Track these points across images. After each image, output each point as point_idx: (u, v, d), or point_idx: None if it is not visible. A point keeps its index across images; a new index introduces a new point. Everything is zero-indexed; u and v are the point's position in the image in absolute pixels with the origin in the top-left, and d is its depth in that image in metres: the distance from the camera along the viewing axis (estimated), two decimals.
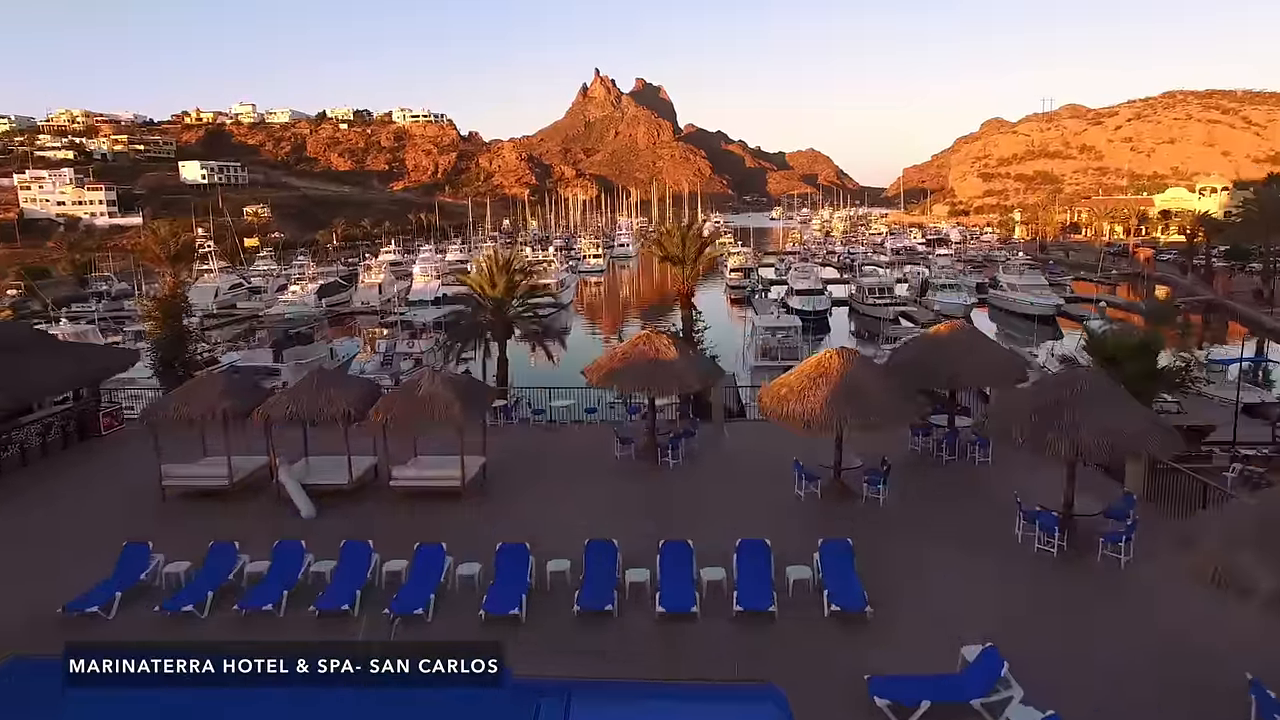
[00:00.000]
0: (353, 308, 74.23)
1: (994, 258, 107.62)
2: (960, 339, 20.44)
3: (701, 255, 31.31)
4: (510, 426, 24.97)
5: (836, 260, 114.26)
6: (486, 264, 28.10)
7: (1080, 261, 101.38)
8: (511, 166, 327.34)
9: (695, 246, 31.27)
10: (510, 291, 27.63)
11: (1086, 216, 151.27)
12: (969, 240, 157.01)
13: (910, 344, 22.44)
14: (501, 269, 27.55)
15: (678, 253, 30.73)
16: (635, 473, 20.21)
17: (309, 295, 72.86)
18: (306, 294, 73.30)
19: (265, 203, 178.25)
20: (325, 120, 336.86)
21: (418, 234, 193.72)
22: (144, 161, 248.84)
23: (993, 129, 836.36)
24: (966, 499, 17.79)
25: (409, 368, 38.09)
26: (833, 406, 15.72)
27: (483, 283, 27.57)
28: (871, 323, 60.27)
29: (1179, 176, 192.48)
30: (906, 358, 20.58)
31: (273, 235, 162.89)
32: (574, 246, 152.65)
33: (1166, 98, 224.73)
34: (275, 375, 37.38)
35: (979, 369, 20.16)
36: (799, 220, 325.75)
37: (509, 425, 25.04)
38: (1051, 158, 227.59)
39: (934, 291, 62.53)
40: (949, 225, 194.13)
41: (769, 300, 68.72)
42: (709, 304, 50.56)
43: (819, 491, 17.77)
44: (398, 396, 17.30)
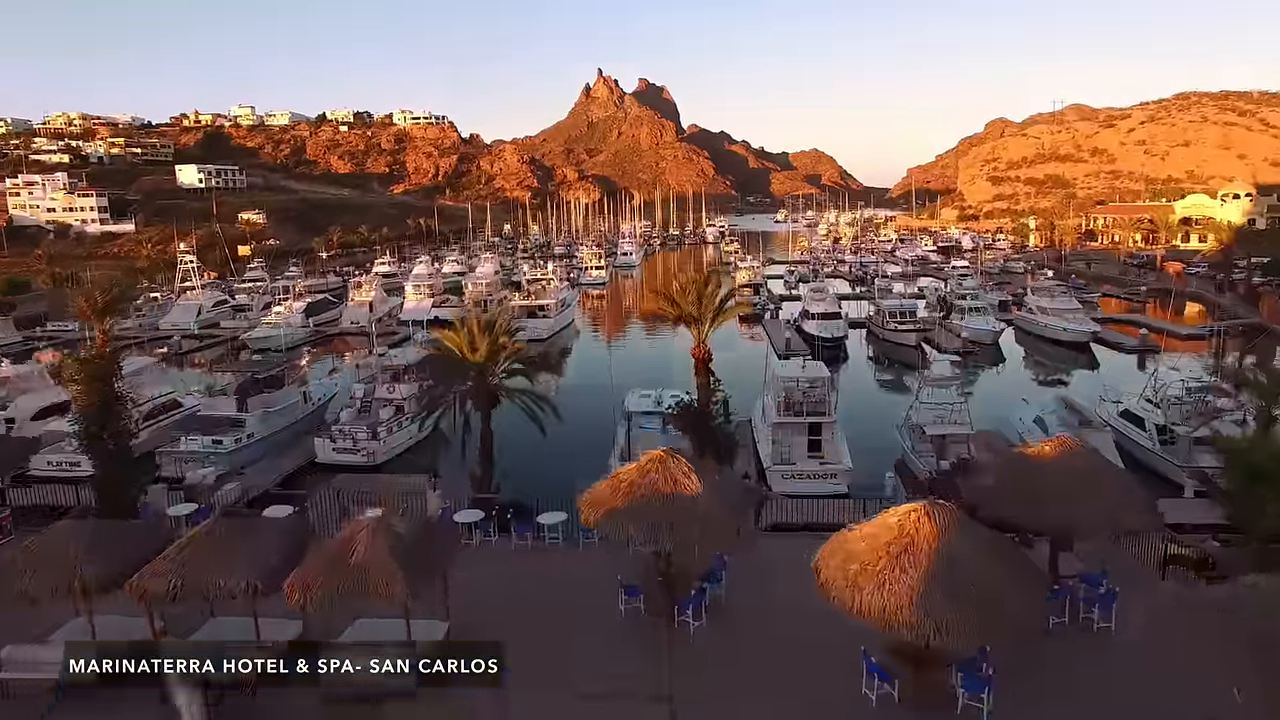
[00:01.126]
0: (341, 328, 70.42)
1: (1011, 269, 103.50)
2: (1073, 467, 15.77)
3: (721, 315, 27.35)
4: (489, 545, 20.93)
5: (848, 271, 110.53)
6: (467, 324, 24.03)
7: (1102, 274, 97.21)
8: (513, 169, 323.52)
9: (713, 304, 27.21)
10: (494, 356, 23.68)
11: (1103, 224, 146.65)
12: (982, 248, 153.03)
13: (1000, 469, 17.88)
14: (484, 330, 23.57)
15: (693, 311, 26.74)
16: (643, 642, 16.00)
17: (296, 315, 69.07)
18: (293, 313, 69.53)
19: (261, 209, 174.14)
20: (325, 122, 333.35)
21: (416, 240, 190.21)
22: (141, 165, 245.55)
23: (998, 129, 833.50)
24: (1097, 701, 13.29)
25: (389, 416, 34.19)
26: (927, 601, 11.57)
27: (461, 345, 23.58)
28: (894, 349, 56.25)
29: (1195, 180, 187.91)
30: (996, 494, 16.21)
31: (268, 242, 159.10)
32: (575, 255, 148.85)
33: (1180, 99, 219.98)
34: (239, 427, 33.57)
35: (1104, 512, 15.36)
36: (804, 223, 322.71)
37: (488, 543, 21.01)
38: (1062, 161, 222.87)
39: (959, 314, 58.44)
40: (959, 230, 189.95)
41: (781, 323, 64.72)
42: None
43: (895, 693, 13.52)
44: (323, 565, 13.06)
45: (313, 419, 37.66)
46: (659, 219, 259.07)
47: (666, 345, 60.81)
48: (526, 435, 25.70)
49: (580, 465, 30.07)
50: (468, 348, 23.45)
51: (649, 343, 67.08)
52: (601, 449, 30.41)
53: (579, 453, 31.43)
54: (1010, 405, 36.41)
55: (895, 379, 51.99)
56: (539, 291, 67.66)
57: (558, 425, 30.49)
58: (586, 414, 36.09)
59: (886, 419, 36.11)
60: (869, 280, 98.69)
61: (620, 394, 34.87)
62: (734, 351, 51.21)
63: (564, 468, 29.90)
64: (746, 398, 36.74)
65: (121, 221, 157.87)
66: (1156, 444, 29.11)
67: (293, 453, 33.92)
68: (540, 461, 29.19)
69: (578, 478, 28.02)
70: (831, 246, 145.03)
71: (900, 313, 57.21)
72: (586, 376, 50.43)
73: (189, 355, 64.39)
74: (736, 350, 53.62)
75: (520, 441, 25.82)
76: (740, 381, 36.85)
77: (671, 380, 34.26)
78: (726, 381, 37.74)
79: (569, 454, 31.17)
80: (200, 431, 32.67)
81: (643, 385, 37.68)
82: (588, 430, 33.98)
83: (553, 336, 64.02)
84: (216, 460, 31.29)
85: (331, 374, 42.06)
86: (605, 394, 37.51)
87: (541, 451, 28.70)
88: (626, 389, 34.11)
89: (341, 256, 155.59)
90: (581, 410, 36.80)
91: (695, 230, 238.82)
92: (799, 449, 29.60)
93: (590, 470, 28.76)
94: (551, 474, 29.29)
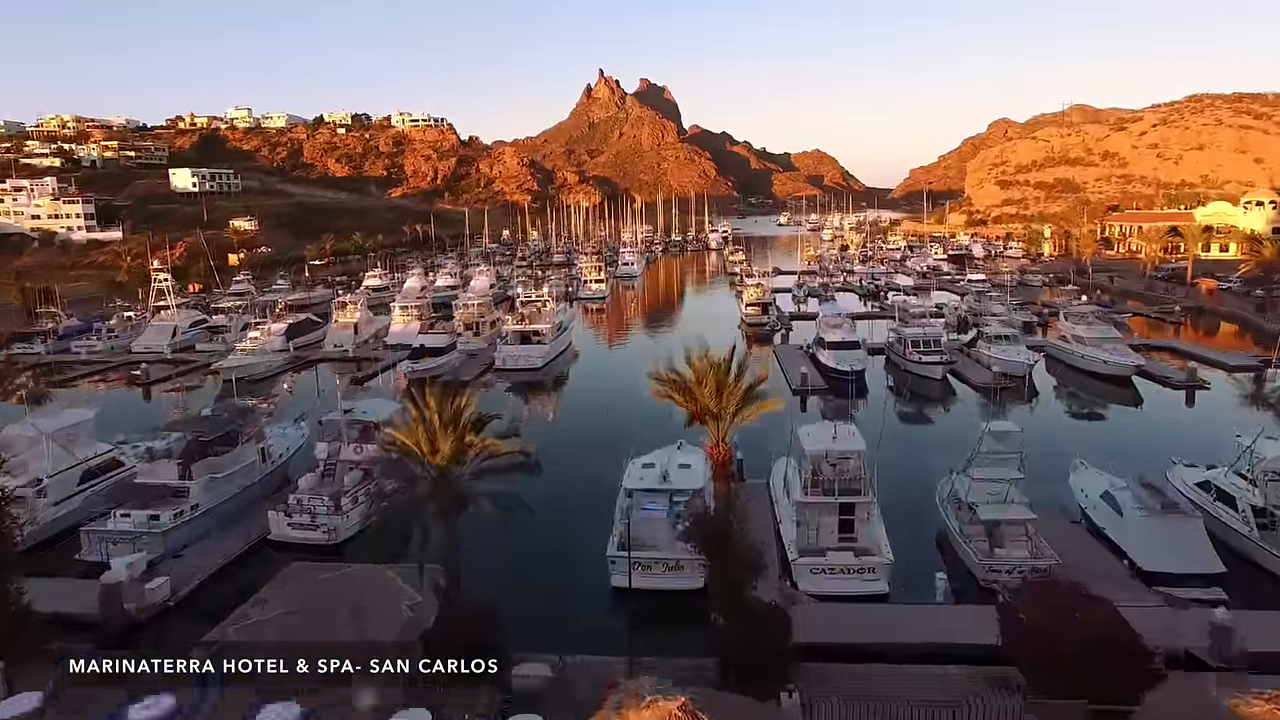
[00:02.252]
0: (323, 352, 66.04)
1: (1029, 282, 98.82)
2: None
3: (744, 410, 22.78)
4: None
5: (859, 284, 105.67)
6: (427, 415, 19.45)
7: (1128, 289, 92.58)
8: (513, 172, 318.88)
9: (736, 397, 22.69)
10: (460, 456, 19.17)
11: (1119, 232, 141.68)
12: (994, 256, 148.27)
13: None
14: (447, 425, 18.98)
15: (711, 405, 22.13)
16: None
17: (274, 339, 64.90)
18: (271, 337, 65.36)
19: (254, 214, 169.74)
20: (323, 125, 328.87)
21: (414, 246, 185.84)
22: (134, 169, 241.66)
23: (1001, 129, 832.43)
24: None
25: (354, 484, 29.78)
26: None
27: (419, 443, 18.99)
28: (918, 382, 51.77)
29: (1210, 185, 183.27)
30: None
31: (259, 250, 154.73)
32: (575, 264, 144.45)
33: (1193, 101, 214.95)
34: (181, 498, 29.16)
35: None
36: (808, 227, 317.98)
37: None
38: (1072, 165, 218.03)
39: (987, 343, 53.87)
40: (967, 237, 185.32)
41: (794, 351, 60.24)
42: (720, 336, 41.88)
43: None
44: None
45: (273, 479, 33.29)
46: (661, 223, 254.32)
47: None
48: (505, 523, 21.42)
49: (573, 559, 25.86)
50: (427, 448, 18.99)
51: (653, 364, 62.81)
52: (599, 528, 26.11)
53: (571, 536, 27.09)
54: (1059, 460, 31.71)
55: (920, 413, 47.60)
56: (534, 315, 63.06)
57: (548, 497, 26.22)
58: (583, 474, 31.82)
59: (917, 474, 31.74)
60: (880, 294, 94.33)
61: (622, 438, 31.02)
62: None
63: (552, 568, 25.66)
64: (758, 454, 32.49)
65: (109, 229, 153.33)
66: (1254, 529, 24.68)
67: (245, 526, 29.54)
68: (519, 564, 24.93)
69: (568, 593, 23.92)
70: (840, 255, 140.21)
71: (924, 342, 52.69)
72: (584, 422, 46.25)
73: (159, 383, 60.10)
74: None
75: (497, 531, 21.50)
76: (754, 454, 32.65)
77: (678, 422, 29.83)
78: (742, 453, 33.04)
79: (559, 540, 26.84)
80: (135, 504, 28.26)
81: (648, 423, 33.85)
82: (584, 501, 29.69)
83: (548, 364, 59.42)
84: (149, 542, 26.91)
85: (298, 422, 37.59)
86: (605, 445, 33.28)
87: (522, 542, 24.32)
88: (628, 440, 29.79)
89: (334, 265, 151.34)
90: (577, 470, 32.50)
91: (698, 235, 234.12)
92: (828, 531, 25.26)
93: (584, 574, 24.61)
94: (536, 575, 25.04)
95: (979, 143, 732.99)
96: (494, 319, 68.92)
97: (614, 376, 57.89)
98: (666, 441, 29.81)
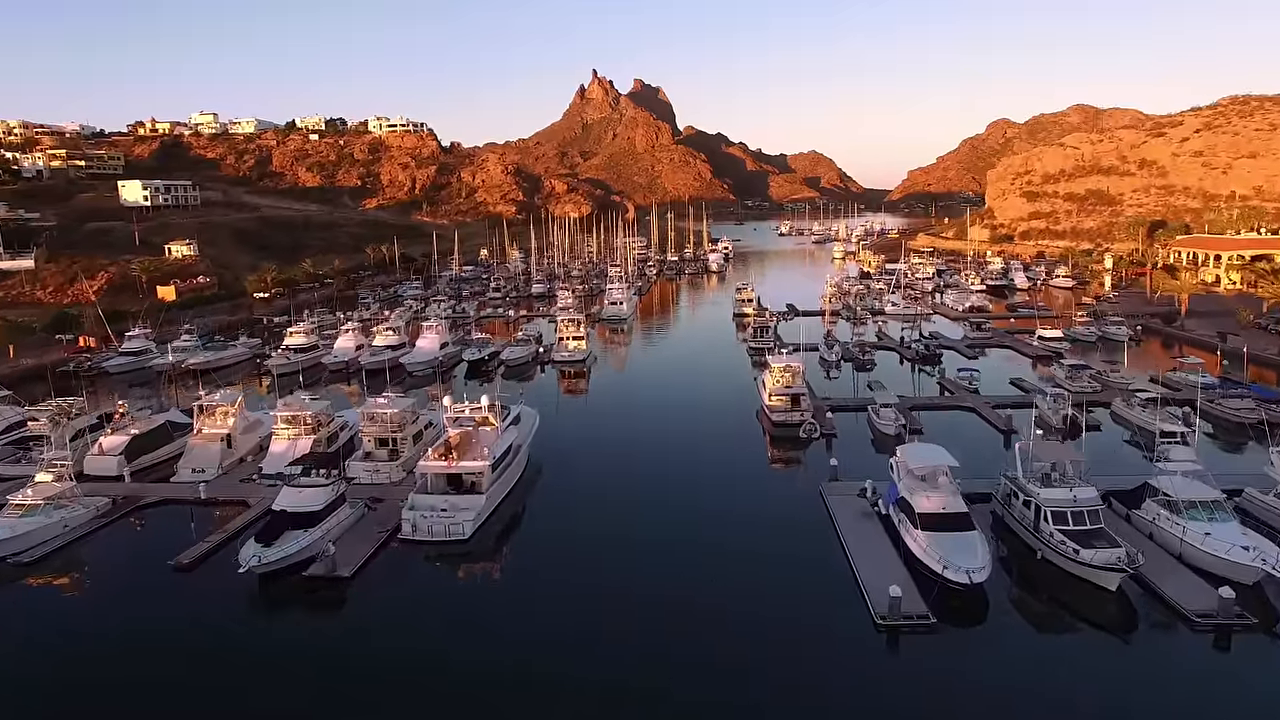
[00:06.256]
0: (178, 477, 45.68)
1: (1113, 335, 78.70)
2: None
3: None
4: None
5: (901, 342, 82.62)
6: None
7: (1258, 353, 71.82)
8: (497, 181, 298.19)
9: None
10: None
11: (1187, 258, 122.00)
12: (1038, 287, 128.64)
13: None
14: None
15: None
16: None
17: (109, 459, 45.82)
18: (107, 456, 46.28)
19: (192, 239, 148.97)
20: (294, 131, 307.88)
21: (376, 270, 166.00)
22: (84, 180, 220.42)
23: (1000, 130, 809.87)
24: None
25: None
26: None
27: None
28: (1069, 585, 31.98)
29: (1265, 198, 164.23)
30: None
31: (196, 280, 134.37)
32: (555, 294, 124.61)
33: (1238, 104, 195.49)
34: None
35: None
36: (810, 238, 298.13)
37: None
38: (1106, 174, 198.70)
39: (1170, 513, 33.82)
40: (998, 257, 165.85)
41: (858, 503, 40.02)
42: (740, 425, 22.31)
43: None
44: None
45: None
46: (655, 234, 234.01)
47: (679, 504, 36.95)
48: None
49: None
50: None
51: (658, 510, 42.95)
52: None
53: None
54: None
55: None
56: (462, 445, 42.23)
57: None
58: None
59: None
60: (934, 357, 73.78)
61: None
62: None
63: None
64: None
65: (20, 257, 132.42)
66: None
67: None
68: None
69: None
70: (864, 287, 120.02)
71: (1074, 515, 32.75)
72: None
73: None
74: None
75: None
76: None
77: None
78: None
79: None
80: None
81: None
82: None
83: (479, 530, 37.72)
84: None
85: None
86: None
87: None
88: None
89: (280, 297, 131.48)
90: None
91: (696, 253, 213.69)
92: None
93: None
94: None
95: (978, 143, 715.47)
96: (419, 429, 48.61)
97: (601, 527, 37.50)
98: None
